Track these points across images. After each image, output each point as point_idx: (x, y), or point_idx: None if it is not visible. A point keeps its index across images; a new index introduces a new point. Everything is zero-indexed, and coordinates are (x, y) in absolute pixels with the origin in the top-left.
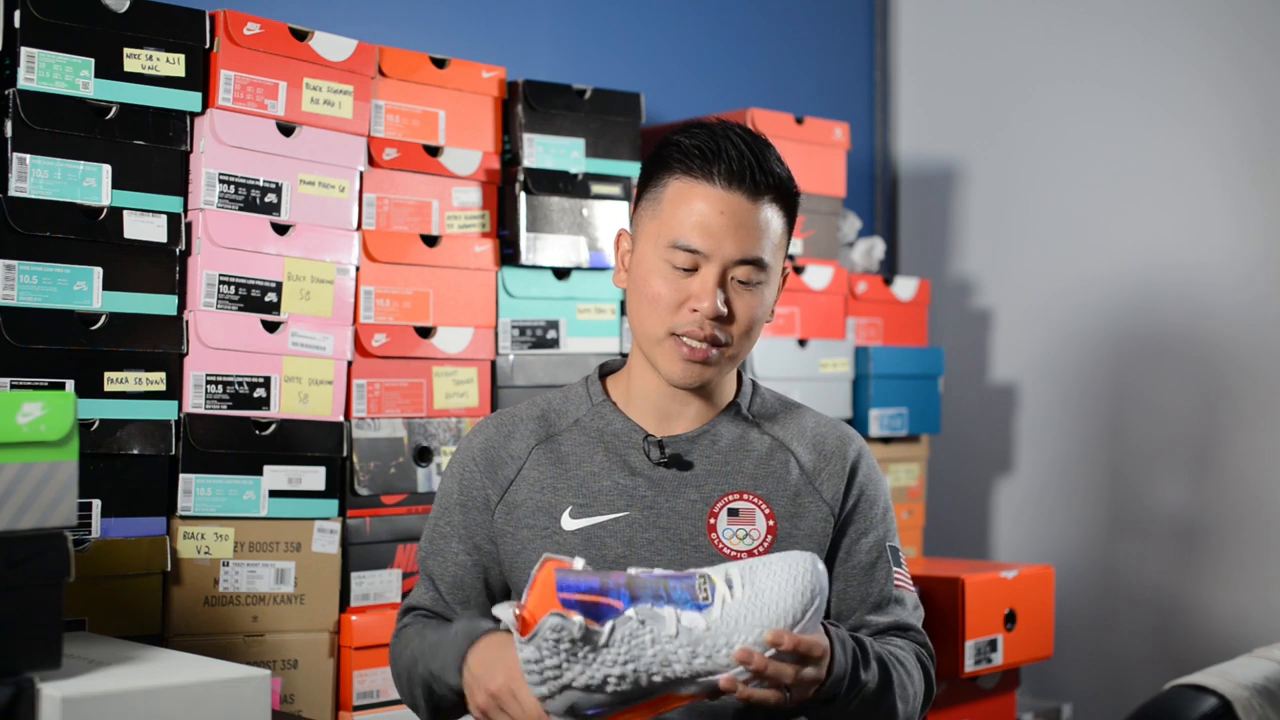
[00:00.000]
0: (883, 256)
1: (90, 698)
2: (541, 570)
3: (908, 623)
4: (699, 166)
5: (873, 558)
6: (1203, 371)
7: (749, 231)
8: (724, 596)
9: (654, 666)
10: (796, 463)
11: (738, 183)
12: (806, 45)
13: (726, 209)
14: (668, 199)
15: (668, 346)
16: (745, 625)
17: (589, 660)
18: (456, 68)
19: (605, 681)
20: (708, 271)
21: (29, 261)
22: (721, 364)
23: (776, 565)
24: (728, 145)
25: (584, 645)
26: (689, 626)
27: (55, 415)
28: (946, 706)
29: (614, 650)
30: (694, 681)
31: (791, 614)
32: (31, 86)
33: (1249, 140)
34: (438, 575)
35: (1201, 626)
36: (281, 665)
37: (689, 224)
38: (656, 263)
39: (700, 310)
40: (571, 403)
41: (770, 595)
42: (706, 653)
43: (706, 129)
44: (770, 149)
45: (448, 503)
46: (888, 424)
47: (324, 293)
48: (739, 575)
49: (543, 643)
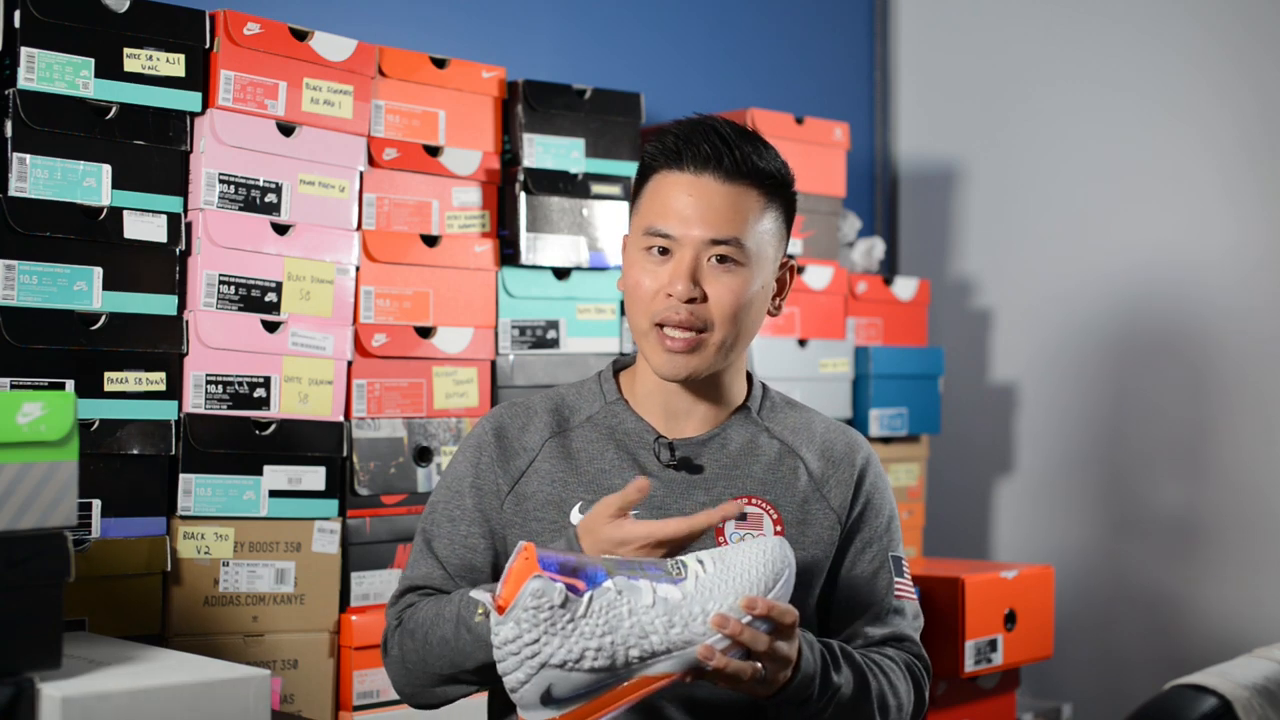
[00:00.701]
0: (883, 256)
1: (90, 698)
2: (516, 559)
3: (904, 634)
4: (673, 157)
5: (874, 567)
6: (1203, 371)
7: (719, 213)
8: (696, 572)
9: (631, 638)
10: (805, 469)
11: (708, 165)
12: (806, 45)
13: (695, 191)
14: (646, 193)
15: (652, 339)
16: (719, 594)
17: (568, 632)
18: (456, 68)
19: (583, 656)
20: (680, 255)
21: (29, 261)
22: (707, 353)
23: (745, 546)
24: (703, 134)
25: (563, 614)
26: (664, 597)
27: (55, 415)
28: (946, 706)
29: (592, 620)
30: (671, 655)
31: (763, 582)
32: (31, 86)
33: (1249, 140)
34: (445, 556)
35: (1201, 626)
36: (281, 665)
37: (661, 210)
38: (637, 255)
39: (675, 294)
40: (585, 399)
41: (740, 568)
42: (683, 621)
43: (687, 123)
44: (754, 140)
45: (460, 485)
46: (888, 424)
47: (324, 293)
48: (709, 555)
49: (523, 613)
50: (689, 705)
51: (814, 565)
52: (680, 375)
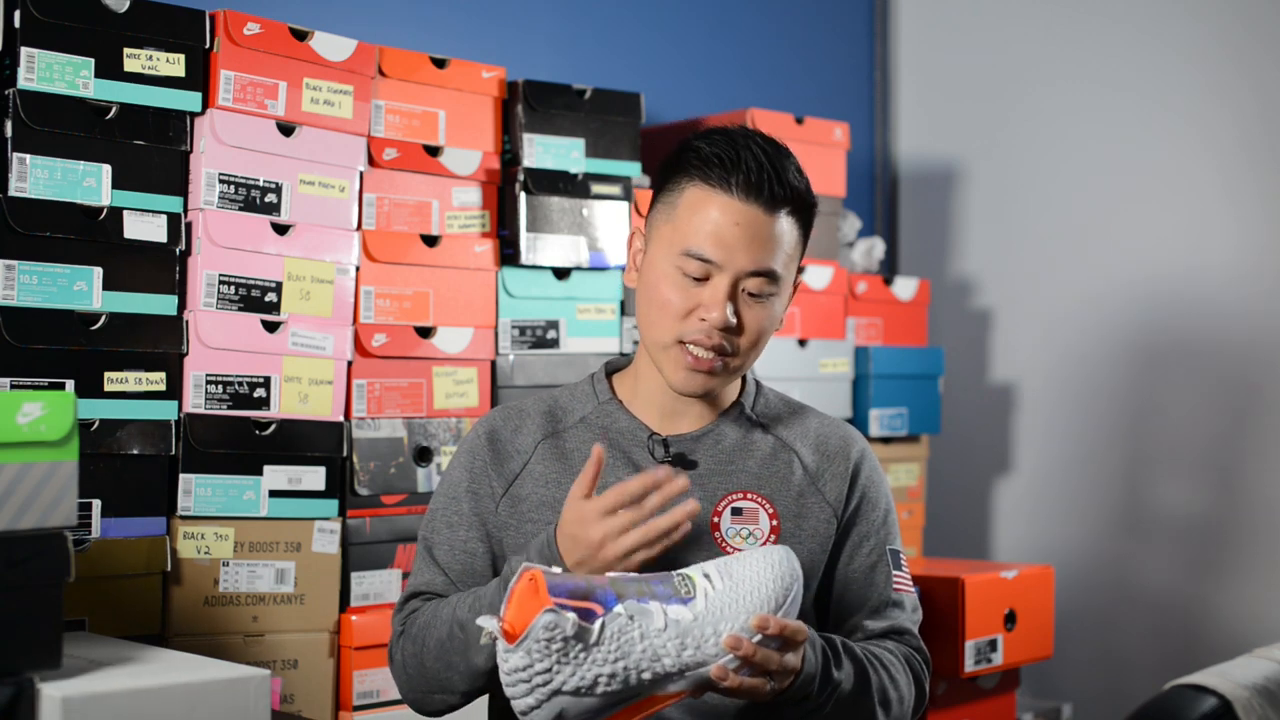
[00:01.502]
0: (883, 256)
1: (90, 698)
2: (520, 581)
3: (903, 626)
4: (717, 175)
5: (872, 561)
6: (1202, 371)
7: (763, 244)
8: (705, 589)
9: (644, 662)
10: (800, 463)
11: (755, 194)
12: (806, 45)
13: (742, 220)
14: (683, 205)
15: (674, 353)
16: (730, 613)
17: (580, 660)
18: (456, 68)
19: (596, 682)
20: (719, 282)
21: (29, 261)
22: (726, 375)
23: (750, 558)
24: (748, 155)
25: (576, 644)
26: (676, 619)
27: (55, 415)
28: (946, 706)
29: (604, 648)
30: (683, 676)
31: (774, 599)
32: (31, 86)
33: (1249, 140)
34: (446, 562)
35: (1201, 626)
36: (281, 665)
37: (703, 233)
38: (668, 269)
39: (709, 320)
40: (578, 400)
41: (749, 584)
42: (695, 643)
43: (727, 136)
44: (790, 159)
45: (456, 491)
46: (888, 424)
47: (324, 293)
48: (715, 570)
49: (534, 645)
50: (688, 705)
51: (811, 560)
52: (697, 392)
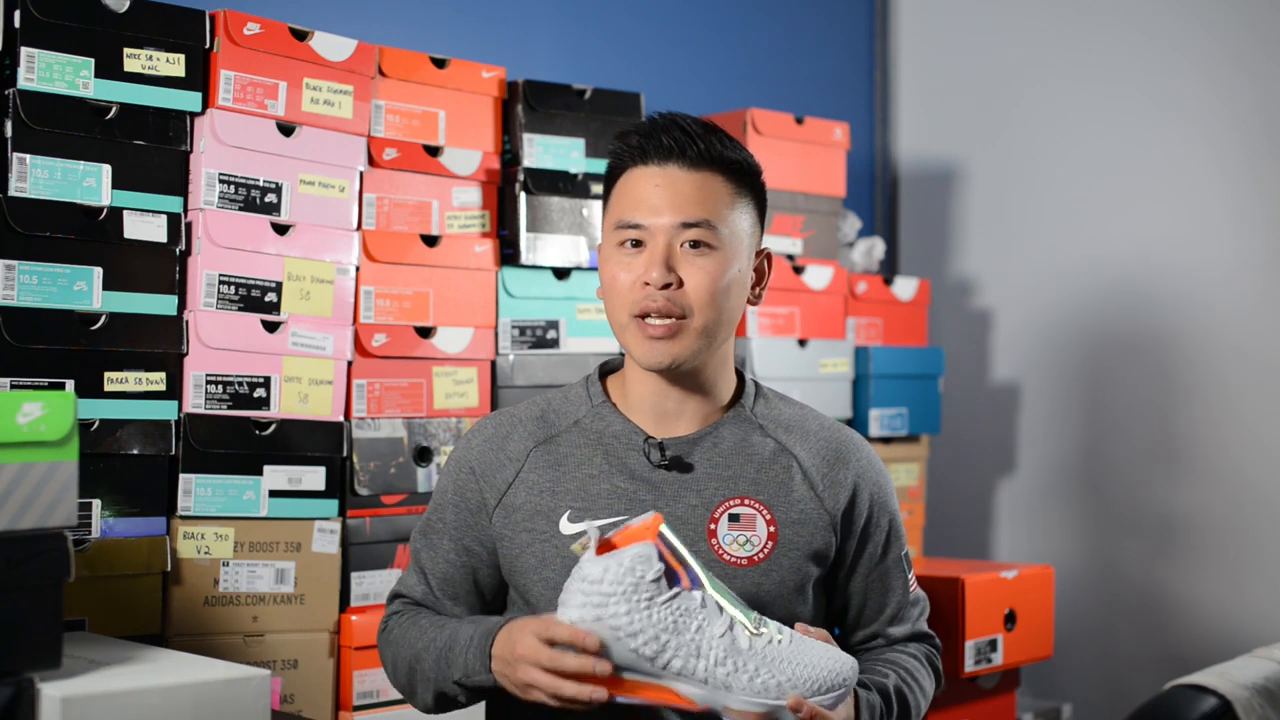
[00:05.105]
0: (883, 256)
1: (90, 698)
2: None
3: (922, 630)
4: (638, 152)
5: (890, 570)
6: (1202, 371)
7: (687, 197)
8: (772, 637)
9: (684, 649)
10: (799, 468)
11: (675, 156)
12: (806, 45)
13: (662, 181)
14: (615, 193)
15: (633, 330)
16: (777, 670)
17: (637, 606)
18: (456, 68)
19: (635, 635)
20: (653, 244)
21: (29, 261)
22: (689, 338)
23: (826, 648)
24: (665, 128)
25: (647, 591)
26: (734, 638)
27: (55, 415)
28: (946, 706)
29: (663, 611)
30: (704, 686)
31: (822, 683)
32: (31, 86)
33: (1249, 140)
34: (429, 569)
35: (1201, 626)
36: (281, 665)
37: (629, 202)
38: (610, 250)
39: (651, 281)
40: (571, 403)
41: (809, 659)
42: (733, 667)
43: (648, 121)
44: (718, 132)
45: (443, 500)
46: (888, 424)
47: (324, 293)
48: (790, 635)
49: (616, 565)
50: None
51: (807, 567)
52: (664, 363)
